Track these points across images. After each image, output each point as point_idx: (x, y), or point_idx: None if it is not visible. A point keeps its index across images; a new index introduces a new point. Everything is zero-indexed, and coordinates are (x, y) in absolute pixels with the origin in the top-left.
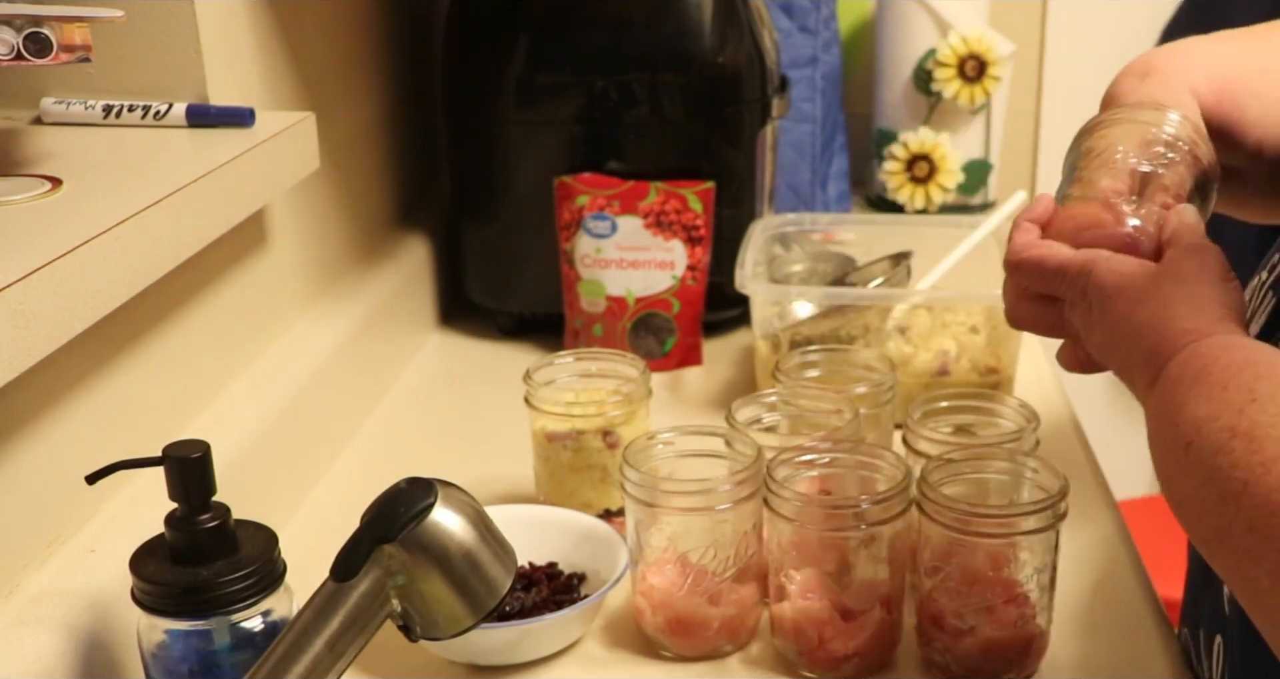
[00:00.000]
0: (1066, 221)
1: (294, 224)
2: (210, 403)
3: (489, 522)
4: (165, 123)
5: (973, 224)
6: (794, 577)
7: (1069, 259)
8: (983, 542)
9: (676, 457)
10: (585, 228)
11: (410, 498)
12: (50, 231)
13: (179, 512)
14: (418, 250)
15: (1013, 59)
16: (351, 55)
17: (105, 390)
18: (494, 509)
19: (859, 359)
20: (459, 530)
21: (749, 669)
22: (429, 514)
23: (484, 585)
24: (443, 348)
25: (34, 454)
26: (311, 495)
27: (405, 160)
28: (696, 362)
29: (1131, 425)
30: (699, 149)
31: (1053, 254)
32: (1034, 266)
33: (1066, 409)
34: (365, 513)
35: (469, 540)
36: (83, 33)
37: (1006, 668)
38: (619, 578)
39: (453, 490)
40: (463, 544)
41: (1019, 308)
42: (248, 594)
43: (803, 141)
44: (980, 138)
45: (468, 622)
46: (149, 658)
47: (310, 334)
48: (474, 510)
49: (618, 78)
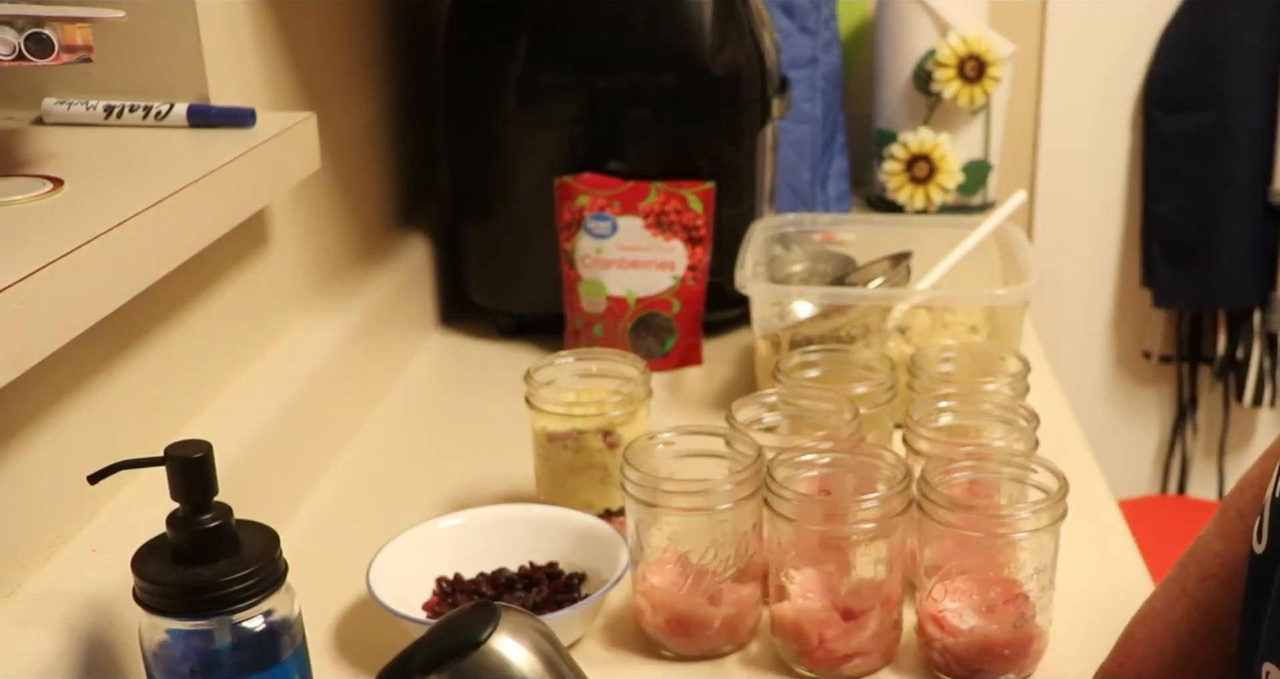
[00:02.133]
0: None
1: (295, 224)
2: (211, 403)
3: (560, 655)
4: (166, 123)
5: (973, 224)
6: (794, 577)
7: None
8: (983, 541)
9: (677, 457)
10: (586, 228)
11: (465, 625)
12: (51, 232)
13: (180, 511)
14: (418, 250)
15: (1012, 59)
16: (352, 55)
17: (106, 390)
18: (494, 509)
19: (859, 359)
20: (521, 663)
21: (749, 669)
22: (483, 645)
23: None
24: (443, 348)
25: (35, 454)
26: (312, 495)
27: (405, 160)
28: (697, 362)
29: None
30: (699, 149)
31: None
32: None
33: (1067, 409)
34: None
35: (530, 675)
36: (84, 33)
37: (1006, 668)
38: (619, 578)
39: (519, 618)
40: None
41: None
42: (249, 594)
43: (803, 142)
44: (980, 138)
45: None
46: (150, 658)
47: (310, 334)
48: (541, 638)
49: (618, 78)
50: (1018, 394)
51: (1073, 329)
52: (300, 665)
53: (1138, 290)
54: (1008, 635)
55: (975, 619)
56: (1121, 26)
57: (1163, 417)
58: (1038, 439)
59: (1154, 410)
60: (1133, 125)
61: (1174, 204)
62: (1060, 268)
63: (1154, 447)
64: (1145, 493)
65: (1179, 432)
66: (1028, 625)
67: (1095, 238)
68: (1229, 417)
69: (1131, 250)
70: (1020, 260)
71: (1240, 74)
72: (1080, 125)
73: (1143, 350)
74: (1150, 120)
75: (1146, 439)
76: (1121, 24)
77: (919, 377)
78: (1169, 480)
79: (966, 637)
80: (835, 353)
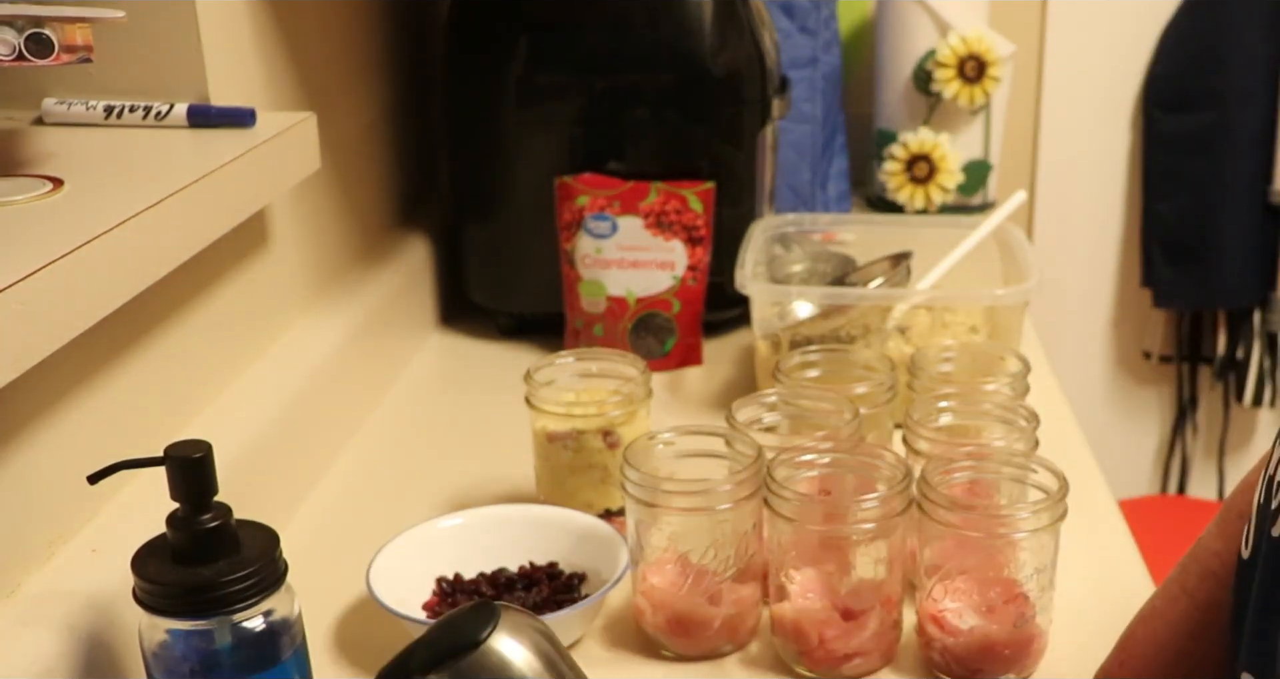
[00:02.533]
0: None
1: (295, 224)
2: (211, 403)
3: (560, 655)
4: (166, 123)
5: (973, 224)
6: (794, 577)
7: None
8: (983, 541)
9: (677, 457)
10: (586, 228)
11: (465, 625)
12: (51, 232)
13: (180, 512)
14: (418, 250)
15: (1012, 59)
16: (352, 55)
17: (106, 390)
18: (494, 509)
19: (859, 359)
20: (521, 663)
21: (749, 669)
22: (483, 645)
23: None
24: (443, 348)
25: (35, 454)
26: (312, 495)
27: (405, 160)
28: (696, 362)
29: (1132, 425)
30: (699, 149)
31: None
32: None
33: (1067, 409)
34: (422, 634)
35: (530, 674)
36: (84, 33)
37: (1006, 668)
38: (619, 578)
39: (519, 618)
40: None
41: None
42: (249, 594)
43: (803, 142)
44: (980, 138)
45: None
46: (150, 658)
47: (310, 334)
48: (541, 638)
49: (618, 78)
50: (1018, 394)
51: (1073, 329)
52: (300, 665)
53: (1138, 290)
54: (1008, 635)
55: (975, 619)
56: (1121, 26)
57: (1163, 417)
58: (1038, 439)
59: (1154, 410)
60: (1133, 125)
61: (1174, 204)
62: (1060, 268)
63: (1154, 447)
64: (1145, 493)
65: (1179, 432)
66: (1028, 625)
67: (1095, 238)
68: (1229, 417)
69: (1131, 250)
70: (1020, 260)
71: (1240, 74)
72: (1080, 125)
73: (1143, 350)
74: (1150, 120)
75: (1146, 439)
76: (1121, 24)
77: (919, 377)
78: (1169, 480)
79: (966, 637)
80: (835, 353)
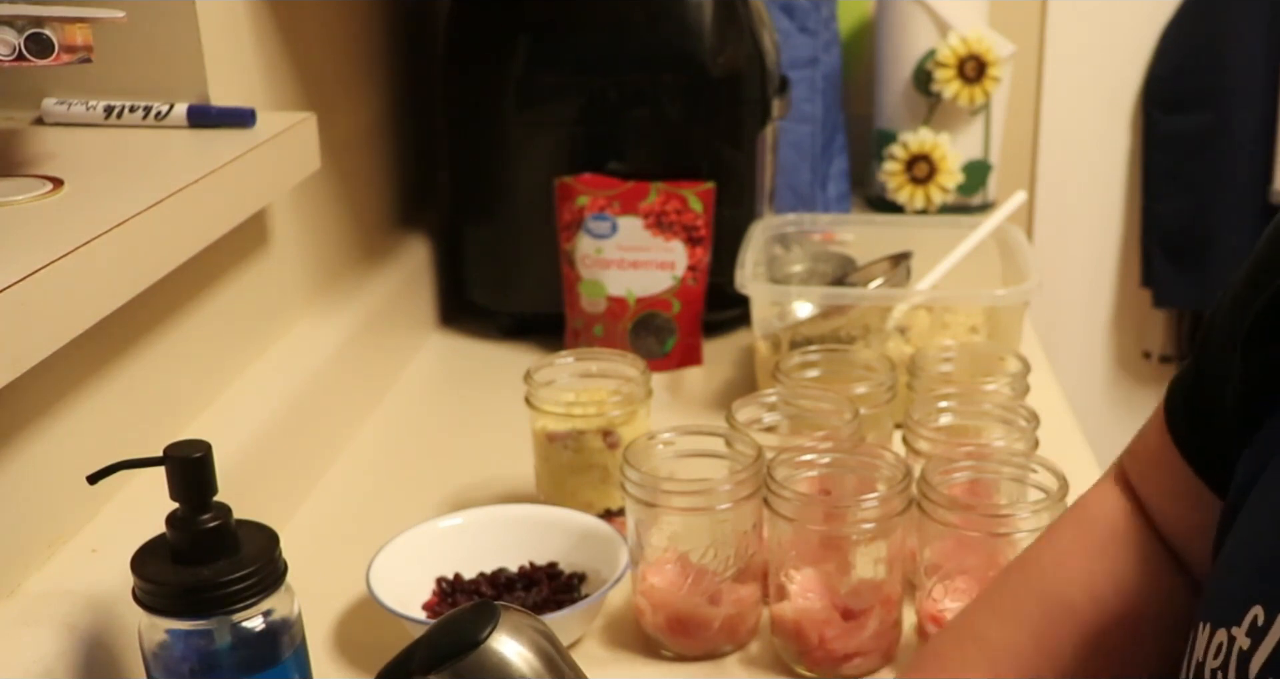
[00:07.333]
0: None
1: (295, 224)
2: (211, 403)
3: (560, 655)
4: (166, 123)
5: (973, 224)
6: (794, 577)
7: None
8: (983, 541)
9: (677, 457)
10: (586, 228)
11: (465, 625)
12: (51, 232)
13: (180, 511)
14: (418, 250)
15: (1012, 60)
16: (352, 55)
17: (106, 390)
18: (494, 509)
19: (859, 359)
20: (521, 663)
21: (749, 669)
22: (483, 645)
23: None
24: (443, 348)
25: (35, 454)
26: (312, 495)
27: (405, 160)
28: (696, 362)
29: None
30: (699, 149)
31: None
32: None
33: (1067, 409)
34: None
35: (530, 674)
36: (84, 33)
37: None
38: (619, 578)
39: (519, 618)
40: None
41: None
42: (249, 594)
43: (803, 142)
44: (980, 138)
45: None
46: (150, 657)
47: (310, 334)
48: (541, 638)
49: (618, 78)
50: (1018, 394)
51: (1073, 329)
52: (300, 665)
53: (1138, 290)
54: None
55: None
56: (1121, 26)
57: None
58: (1038, 439)
59: (1154, 410)
60: (1132, 125)
61: (1174, 204)
62: (1060, 268)
63: None
64: None
65: None
66: None
67: (1095, 238)
68: None
69: (1131, 250)
70: (1020, 260)
71: (1240, 74)
72: (1080, 126)
73: (1143, 350)
74: (1150, 120)
75: None
76: (1121, 24)
77: (919, 377)
78: None
79: None
80: (835, 353)
